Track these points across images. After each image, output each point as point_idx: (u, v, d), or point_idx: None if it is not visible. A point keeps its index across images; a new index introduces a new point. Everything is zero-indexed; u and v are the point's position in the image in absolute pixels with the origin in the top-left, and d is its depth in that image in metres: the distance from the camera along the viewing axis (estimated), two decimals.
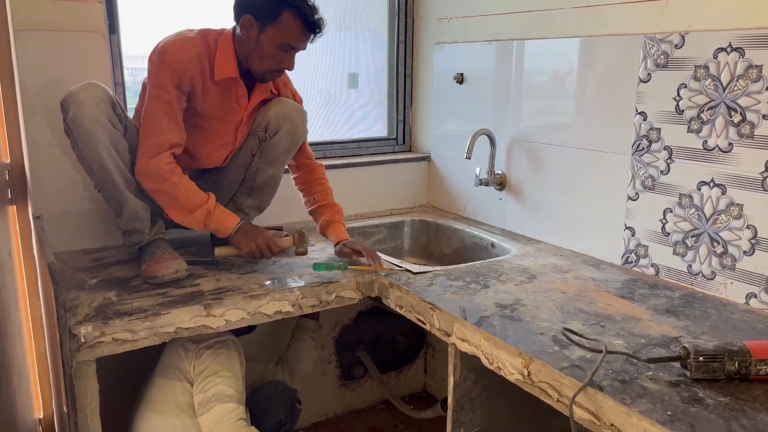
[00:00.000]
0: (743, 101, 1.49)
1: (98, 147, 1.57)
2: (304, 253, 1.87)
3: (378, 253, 1.83)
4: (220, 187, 1.89)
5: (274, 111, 1.83)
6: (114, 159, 1.61)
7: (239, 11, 1.70)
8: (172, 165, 1.67)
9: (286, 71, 1.79)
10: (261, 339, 2.16)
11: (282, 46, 1.69)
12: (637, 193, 1.76)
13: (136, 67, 2.18)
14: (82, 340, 1.39)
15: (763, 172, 1.47)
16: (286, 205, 2.16)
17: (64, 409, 1.49)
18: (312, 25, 1.69)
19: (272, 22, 1.66)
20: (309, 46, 1.76)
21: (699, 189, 1.60)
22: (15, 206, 1.89)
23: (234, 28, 1.75)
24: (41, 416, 2.07)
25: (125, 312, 1.47)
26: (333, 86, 2.56)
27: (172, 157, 1.68)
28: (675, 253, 1.68)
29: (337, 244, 1.87)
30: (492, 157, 2.20)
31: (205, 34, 1.73)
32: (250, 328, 1.91)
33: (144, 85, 1.73)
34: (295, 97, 1.97)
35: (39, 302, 1.97)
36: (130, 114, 1.81)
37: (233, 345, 1.67)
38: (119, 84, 2.01)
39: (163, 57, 1.65)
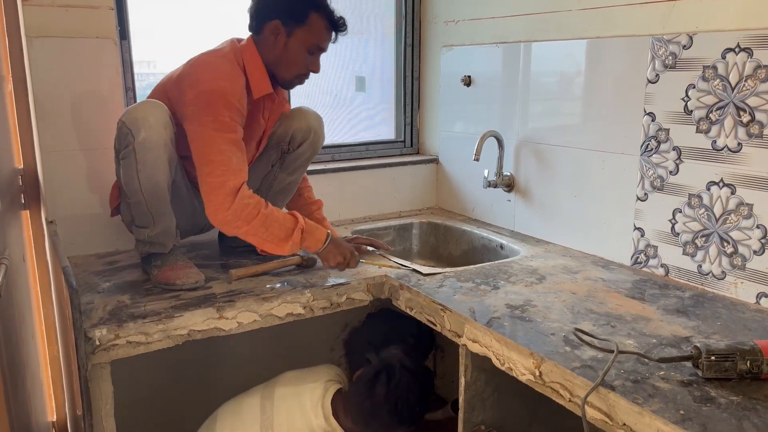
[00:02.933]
0: (752, 101, 1.49)
1: (160, 169, 1.58)
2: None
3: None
4: None
5: (298, 124, 1.86)
6: (168, 178, 1.61)
7: (264, 18, 1.68)
8: (254, 197, 1.63)
9: (312, 74, 1.79)
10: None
11: (311, 48, 1.70)
12: (646, 194, 1.76)
13: (142, 72, 2.20)
14: (97, 342, 1.41)
15: None
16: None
17: (78, 412, 1.50)
18: (336, 24, 1.71)
19: (301, 24, 1.66)
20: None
21: (708, 189, 1.60)
22: (28, 211, 1.91)
23: (252, 39, 1.72)
24: (54, 419, 2.08)
25: (139, 315, 1.48)
26: (340, 89, 2.57)
27: (248, 189, 1.64)
28: (685, 253, 1.68)
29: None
30: (500, 158, 2.20)
31: (234, 54, 1.67)
32: None
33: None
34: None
35: (52, 306, 1.99)
36: None
37: None
38: (130, 89, 2.03)
39: (218, 98, 1.58)
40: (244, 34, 1.77)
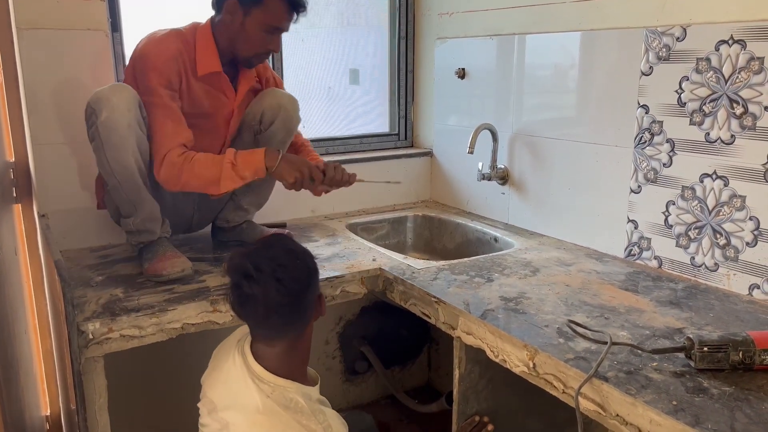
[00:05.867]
0: (745, 93, 1.49)
1: (127, 151, 1.57)
2: None
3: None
4: None
5: (268, 102, 1.82)
6: (138, 161, 1.61)
7: None
8: (182, 155, 1.64)
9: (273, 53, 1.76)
10: None
11: (268, 28, 1.67)
12: (639, 186, 1.76)
13: None
14: (90, 336, 1.40)
15: (765, 163, 1.47)
16: (288, 201, 2.16)
17: (72, 406, 1.50)
18: (295, 5, 1.68)
19: (257, 4, 1.64)
20: (310, 41, 1.76)
21: (701, 181, 1.61)
22: (20, 204, 1.90)
23: (212, 19, 1.73)
24: (48, 413, 2.08)
25: (132, 308, 1.47)
26: (334, 82, 2.56)
27: (181, 148, 1.64)
28: (678, 245, 1.69)
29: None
30: (494, 151, 2.20)
31: (178, 31, 1.70)
32: None
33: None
34: (275, 80, 1.96)
35: (45, 300, 1.98)
36: None
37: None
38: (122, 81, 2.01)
39: (144, 62, 1.62)
40: None
